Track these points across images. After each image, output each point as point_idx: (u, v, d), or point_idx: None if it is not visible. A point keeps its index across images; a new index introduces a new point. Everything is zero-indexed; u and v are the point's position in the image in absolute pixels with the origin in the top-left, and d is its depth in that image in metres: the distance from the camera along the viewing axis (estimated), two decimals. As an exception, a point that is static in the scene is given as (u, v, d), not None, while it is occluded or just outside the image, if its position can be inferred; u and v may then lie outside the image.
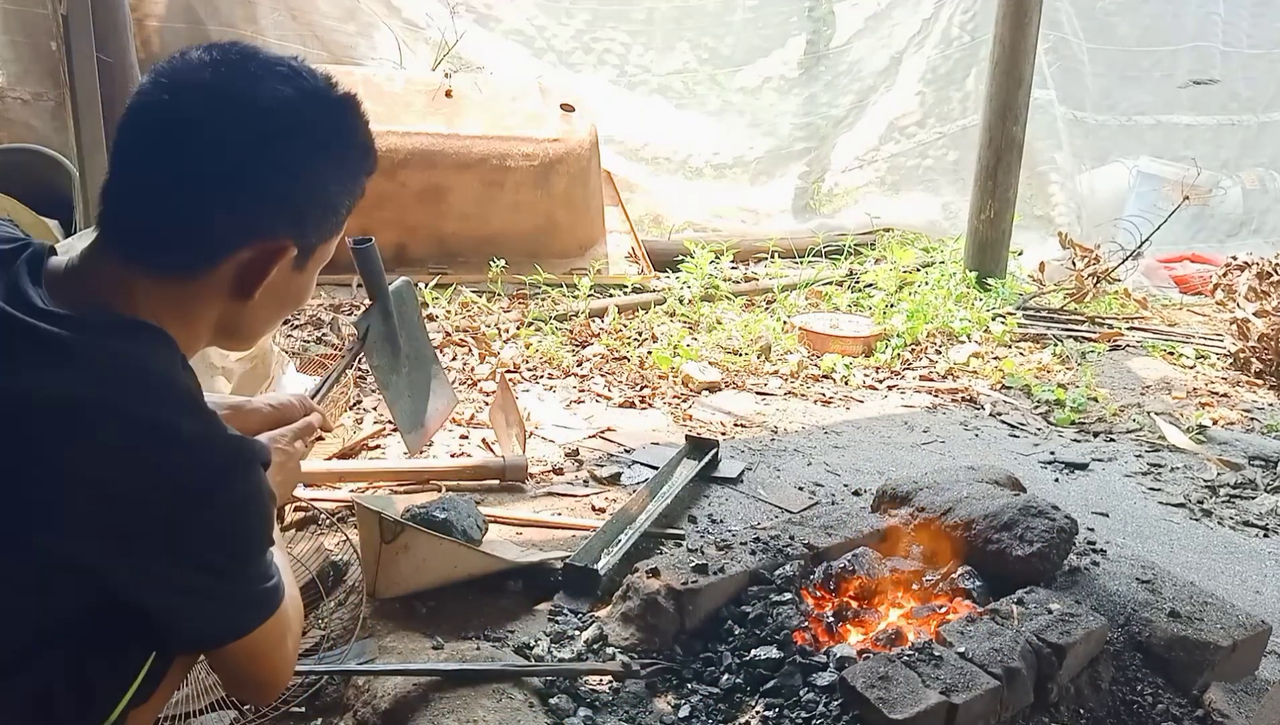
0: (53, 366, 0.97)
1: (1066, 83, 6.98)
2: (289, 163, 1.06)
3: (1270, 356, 4.46)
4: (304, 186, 1.08)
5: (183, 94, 1.01)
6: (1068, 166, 6.84)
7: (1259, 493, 3.26)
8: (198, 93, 1.01)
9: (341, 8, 5.94)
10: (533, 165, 4.98)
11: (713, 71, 7.19)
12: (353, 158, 1.14)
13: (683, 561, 2.13)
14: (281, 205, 1.07)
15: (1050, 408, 3.93)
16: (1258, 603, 2.50)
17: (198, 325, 1.12)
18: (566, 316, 4.49)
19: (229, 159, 1.01)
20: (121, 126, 1.04)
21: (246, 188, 1.03)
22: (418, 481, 2.78)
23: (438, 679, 1.81)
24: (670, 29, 7.10)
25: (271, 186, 1.05)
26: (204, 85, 1.02)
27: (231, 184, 1.02)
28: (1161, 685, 2.00)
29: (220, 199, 1.02)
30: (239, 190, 1.03)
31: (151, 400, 1.00)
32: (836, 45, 7.22)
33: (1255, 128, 7.68)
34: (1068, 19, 6.97)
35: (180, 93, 1.01)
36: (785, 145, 7.14)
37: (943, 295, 5.12)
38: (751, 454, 3.19)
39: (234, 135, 1.01)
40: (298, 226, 1.09)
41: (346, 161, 1.13)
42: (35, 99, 5.03)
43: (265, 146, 1.03)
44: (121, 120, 1.05)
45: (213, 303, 1.10)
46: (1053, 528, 2.19)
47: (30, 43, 4.97)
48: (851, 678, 1.77)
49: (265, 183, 1.04)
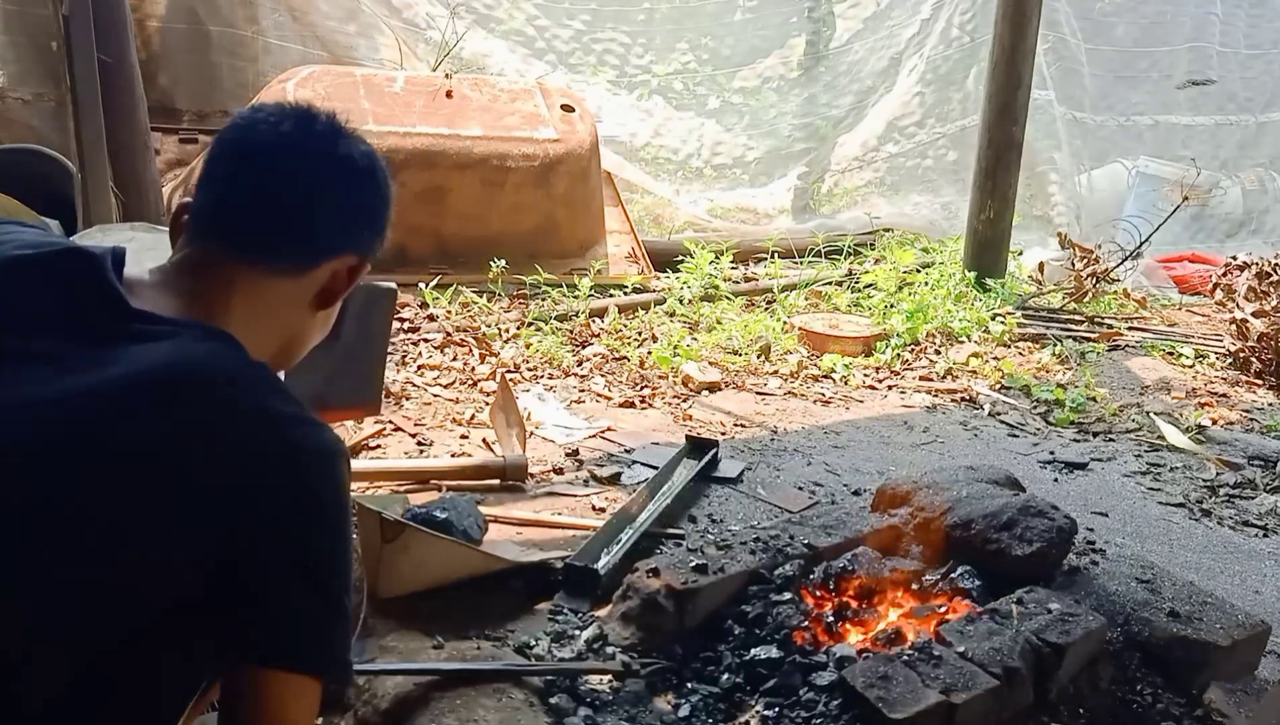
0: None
1: (1065, 83, 6.99)
2: (384, 194, 1.28)
3: (1270, 356, 4.47)
4: (384, 216, 1.29)
5: (312, 122, 1.20)
6: (1067, 166, 6.85)
7: (1258, 493, 3.26)
8: (325, 124, 1.22)
9: (342, 8, 5.94)
10: (533, 165, 4.98)
11: (713, 71, 7.19)
12: (390, 205, 1.33)
13: (683, 561, 2.13)
14: (372, 225, 1.27)
15: (1050, 408, 3.94)
16: (1257, 603, 2.50)
17: (277, 331, 1.23)
18: (566, 316, 4.49)
19: (352, 181, 1.23)
20: (239, 142, 1.20)
21: (360, 207, 1.25)
22: (418, 481, 2.78)
23: (438, 678, 1.81)
24: (670, 29, 7.11)
25: (370, 209, 1.27)
26: (329, 119, 1.23)
27: (349, 200, 1.23)
28: (1161, 685, 2.00)
29: (340, 210, 1.22)
30: (354, 207, 1.24)
31: (255, 386, 1.08)
32: (836, 46, 7.23)
33: (1253, 128, 7.69)
34: (1066, 20, 6.98)
35: (308, 121, 1.20)
36: (785, 145, 7.14)
37: (942, 295, 5.12)
38: (751, 454, 3.19)
39: (358, 164, 1.23)
40: (371, 246, 1.28)
41: (390, 205, 1.32)
42: (35, 99, 5.03)
43: (374, 176, 1.26)
44: (236, 138, 1.20)
45: (296, 308, 1.24)
46: (1052, 527, 2.20)
47: (30, 43, 4.98)
48: (851, 677, 1.77)
49: (368, 206, 1.26)
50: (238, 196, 1.18)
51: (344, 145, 1.22)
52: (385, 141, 4.72)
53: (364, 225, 1.26)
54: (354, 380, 2.41)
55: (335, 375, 2.34)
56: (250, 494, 1.01)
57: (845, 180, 7.20)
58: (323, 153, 1.20)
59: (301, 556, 1.04)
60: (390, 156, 5.19)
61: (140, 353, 1.03)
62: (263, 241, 1.17)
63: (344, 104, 4.79)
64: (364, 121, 4.76)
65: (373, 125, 4.75)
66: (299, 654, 1.05)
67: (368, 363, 2.39)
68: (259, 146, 1.19)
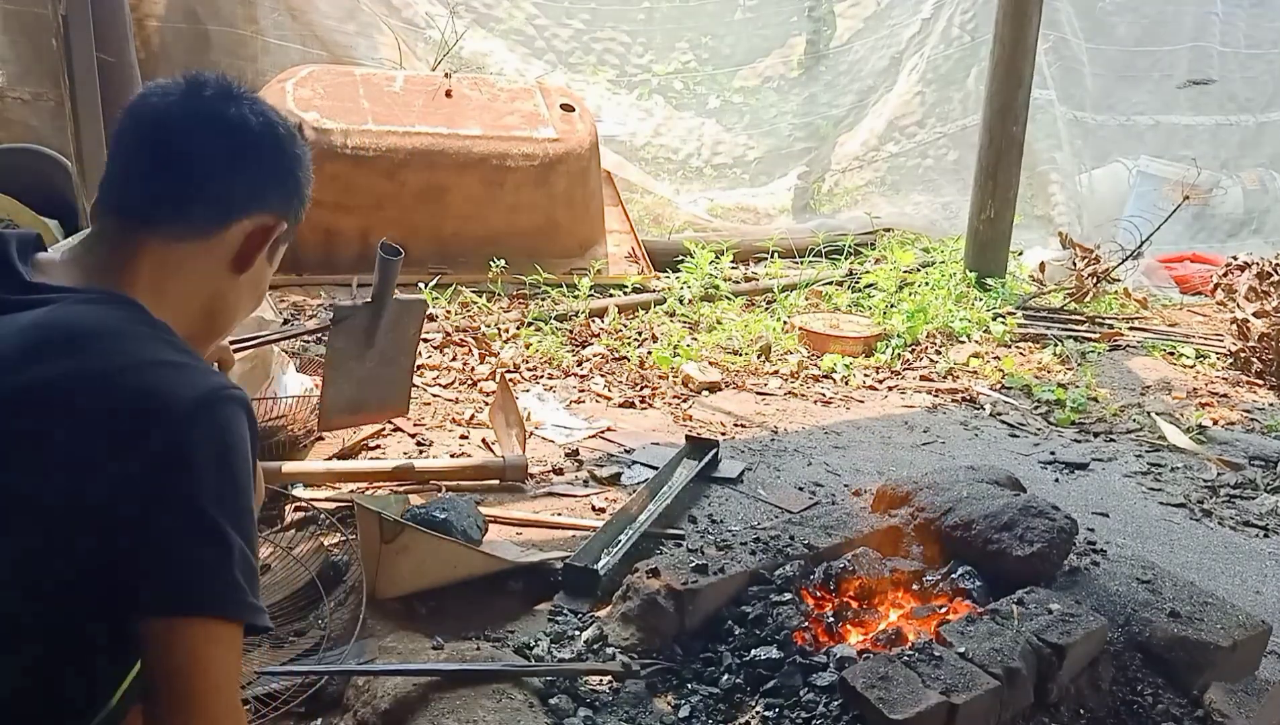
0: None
1: (1066, 83, 6.99)
2: (289, 152, 1.26)
3: (1270, 356, 4.46)
4: (294, 175, 1.27)
5: (201, 88, 1.21)
6: (1068, 166, 6.85)
7: (1259, 493, 3.26)
8: (214, 89, 1.21)
9: (341, 8, 5.94)
10: (533, 165, 4.98)
11: (713, 71, 7.19)
12: (309, 170, 1.31)
13: (683, 561, 2.13)
14: (281, 185, 1.26)
15: (1050, 408, 3.93)
16: (1258, 603, 2.50)
17: (195, 297, 1.23)
18: (566, 316, 4.49)
19: (248, 140, 1.22)
20: (134, 115, 1.21)
21: (261, 165, 1.23)
22: (418, 481, 2.78)
23: (438, 679, 1.81)
24: (670, 28, 7.10)
25: (272, 169, 1.25)
26: (218, 83, 1.22)
27: (248, 159, 1.22)
28: (1161, 685, 2.00)
29: (239, 169, 1.21)
30: (254, 165, 1.23)
31: (138, 339, 1.10)
32: (837, 45, 7.23)
33: (1254, 128, 7.69)
34: (1067, 19, 6.98)
35: (198, 87, 1.21)
36: (785, 145, 7.14)
37: (943, 295, 5.12)
38: (751, 454, 3.19)
39: (252, 124, 1.22)
40: (286, 207, 1.27)
41: (309, 169, 1.31)
42: (35, 99, 5.03)
43: (273, 135, 1.24)
44: (131, 112, 1.21)
45: (211, 274, 1.23)
46: (1053, 528, 2.19)
47: (30, 43, 4.97)
48: (851, 678, 1.77)
49: (269, 165, 1.24)
50: (133, 167, 1.20)
51: (235, 108, 1.21)
52: (385, 141, 4.72)
53: (267, 185, 1.24)
54: (387, 387, 2.55)
55: (370, 382, 2.48)
56: (124, 441, 1.02)
57: (846, 180, 7.20)
58: (212, 116, 1.20)
59: (184, 501, 1.03)
60: (390, 156, 5.20)
61: (21, 317, 1.07)
62: (160, 208, 1.18)
63: (344, 103, 4.79)
64: (364, 121, 4.75)
65: (372, 125, 4.75)
66: (195, 597, 1.04)
67: (399, 369, 2.47)
68: (148, 117, 1.21)
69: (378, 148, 4.71)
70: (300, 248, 4.74)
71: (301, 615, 2.17)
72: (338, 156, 4.65)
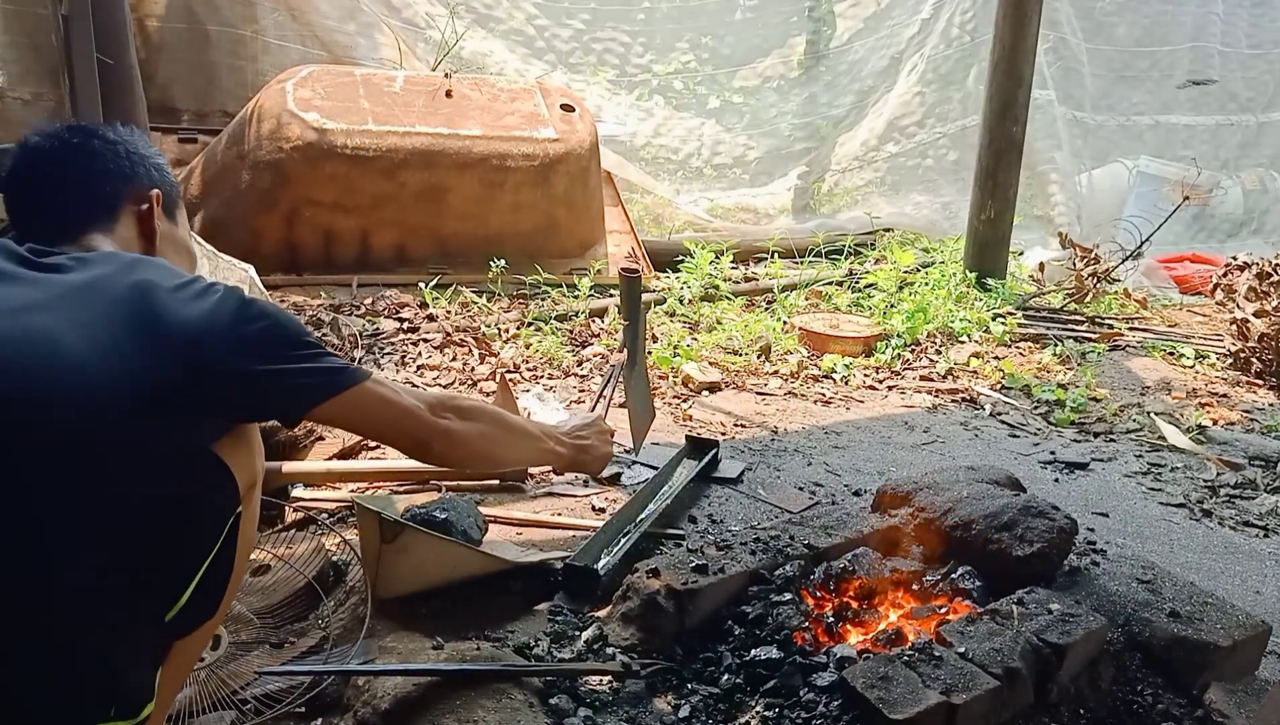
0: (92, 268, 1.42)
1: (1066, 83, 7.00)
2: (135, 147, 1.66)
3: (1270, 356, 4.46)
4: (145, 159, 1.66)
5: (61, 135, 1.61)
6: (1068, 166, 6.85)
7: (1259, 493, 3.26)
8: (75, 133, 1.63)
9: (341, 8, 5.95)
10: (533, 165, 4.98)
11: (713, 71, 7.20)
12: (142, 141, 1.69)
13: (683, 561, 2.13)
14: (136, 167, 1.64)
15: (1050, 408, 3.93)
16: (1258, 603, 2.50)
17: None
18: (566, 316, 4.49)
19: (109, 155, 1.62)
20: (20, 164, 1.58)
21: (113, 166, 1.62)
22: (418, 481, 2.78)
23: (438, 679, 1.81)
24: (670, 28, 7.11)
25: (127, 160, 1.64)
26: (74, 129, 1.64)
27: (107, 165, 1.61)
28: (1161, 685, 2.00)
29: (109, 172, 1.61)
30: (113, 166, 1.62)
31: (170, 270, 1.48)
32: (837, 45, 7.23)
33: (1254, 128, 7.69)
34: (1067, 19, 6.98)
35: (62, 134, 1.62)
36: (785, 145, 7.15)
37: (943, 295, 5.12)
38: (751, 454, 3.19)
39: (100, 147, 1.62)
40: (150, 178, 1.65)
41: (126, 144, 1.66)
42: (35, 99, 5.03)
43: (120, 143, 1.64)
44: (15, 162, 1.57)
45: (134, 245, 1.61)
46: (1053, 528, 2.19)
47: (30, 43, 4.97)
48: (851, 678, 1.77)
49: (125, 157, 1.63)
50: (43, 198, 1.57)
51: (78, 137, 1.61)
52: (385, 141, 4.72)
53: (138, 164, 1.63)
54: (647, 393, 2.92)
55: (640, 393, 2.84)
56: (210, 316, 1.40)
57: (845, 180, 7.20)
58: (102, 140, 1.62)
59: (264, 339, 1.44)
60: (390, 156, 5.21)
61: (77, 263, 1.42)
62: (77, 214, 1.56)
63: (344, 103, 4.79)
64: (364, 121, 4.76)
65: (372, 125, 4.75)
66: (330, 382, 1.51)
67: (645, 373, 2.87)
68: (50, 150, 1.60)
69: (378, 148, 4.71)
70: (300, 248, 4.74)
71: (301, 616, 2.17)
72: (338, 156, 4.65)
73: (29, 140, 1.60)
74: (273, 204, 4.65)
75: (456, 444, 1.72)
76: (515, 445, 1.94)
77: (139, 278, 1.39)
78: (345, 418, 1.58)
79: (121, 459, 1.31)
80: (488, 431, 1.81)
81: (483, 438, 1.79)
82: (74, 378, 1.28)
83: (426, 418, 1.66)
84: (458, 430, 1.71)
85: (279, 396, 1.48)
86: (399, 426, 1.64)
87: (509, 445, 1.91)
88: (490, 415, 1.85)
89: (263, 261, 4.16)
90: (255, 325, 1.43)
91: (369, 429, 1.70)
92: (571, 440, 2.11)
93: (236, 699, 1.85)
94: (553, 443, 2.04)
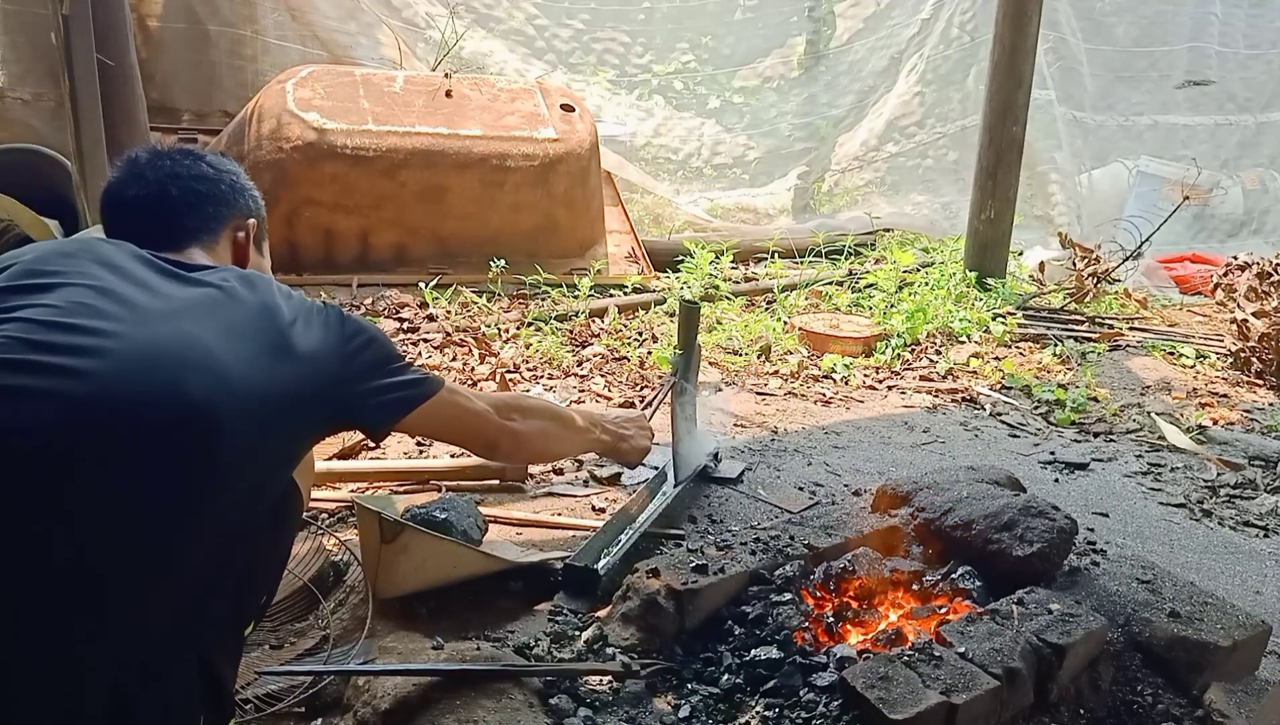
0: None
1: (1066, 83, 7.00)
2: (239, 179, 1.75)
3: (1270, 356, 4.46)
4: (246, 191, 1.75)
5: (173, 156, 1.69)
6: (1068, 166, 6.85)
7: (1259, 493, 3.26)
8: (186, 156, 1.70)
9: (341, 8, 5.94)
10: (533, 165, 4.98)
11: (713, 71, 7.20)
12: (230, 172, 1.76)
13: (683, 561, 2.13)
14: (238, 196, 1.72)
15: (1050, 408, 3.93)
16: (1258, 603, 2.50)
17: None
18: (566, 316, 4.49)
19: (217, 180, 1.71)
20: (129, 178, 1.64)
21: (220, 190, 1.70)
22: (418, 481, 2.78)
23: (438, 679, 1.81)
24: (670, 28, 7.11)
25: (231, 188, 1.72)
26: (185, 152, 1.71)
27: (215, 189, 1.70)
28: (1161, 685, 2.00)
29: (215, 196, 1.69)
30: (220, 190, 1.70)
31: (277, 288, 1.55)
32: (836, 45, 7.23)
33: (1253, 128, 7.69)
34: (1066, 19, 6.98)
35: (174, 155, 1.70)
36: (785, 145, 7.15)
37: (943, 295, 5.12)
38: (751, 454, 3.19)
39: (210, 172, 1.70)
40: (248, 209, 1.74)
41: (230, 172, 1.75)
42: (35, 99, 5.03)
43: (225, 172, 1.73)
44: (121, 182, 1.64)
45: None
46: (1053, 528, 2.19)
47: (30, 43, 4.98)
48: (851, 678, 1.77)
49: (229, 186, 1.72)
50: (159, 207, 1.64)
51: (192, 161, 1.68)
52: (385, 141, 4.72)
53: (239, 194, 1.71)
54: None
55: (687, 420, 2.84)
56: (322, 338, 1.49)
57: (845, 180, 7.21)
58: (209, 165, 1.70)
59: (365, 357, 1.54)
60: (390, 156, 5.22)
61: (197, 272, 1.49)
62: (186, 229, 1.64)
63: (344, 103, 4.79)
64: (364, 121, 4.76)
65: (372, 125, 4.75)
66: (416, 394, 1.60)
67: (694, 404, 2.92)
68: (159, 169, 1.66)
69: (378, 148, 4.71)
70: (300, 248, 4.74)
71: (301, 616, 2.17)
72: (338, 156, 4.65)
73: (138, 156, 1.66)
74: (273, 204, 4.59)
75: (522, 444, 1.90)
76: (570, 440, 2.15)
77: (263, 298, 1.46)
78: (423, 426, 1.68)
79: (254, 467, 1.37)
80: (548, 429, 2.00)
81: (544, 436, 1.98)
82: (229, 385, 1.32)
83: (495, 421, 1.81)
84: (523, 431, 1.87)
85: (374, 411, 1.57)
86: (472, 430, 1.78)
87: (565, 441, 2.13)
88: (551, 413, 2.05)
89: (262, 261, 4.15)
90: (356, 342, 1.52)
91: (444, 434, 1.82)
92: (615, 429, 2.31)
93: (236, 699, 1.84)
94: (599, 431, 2.24)
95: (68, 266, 1.38)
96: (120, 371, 1.26)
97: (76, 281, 1.36)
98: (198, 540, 1.31)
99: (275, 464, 1.44)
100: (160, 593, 1.28)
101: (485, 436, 1.81)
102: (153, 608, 1.28)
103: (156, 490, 1.26)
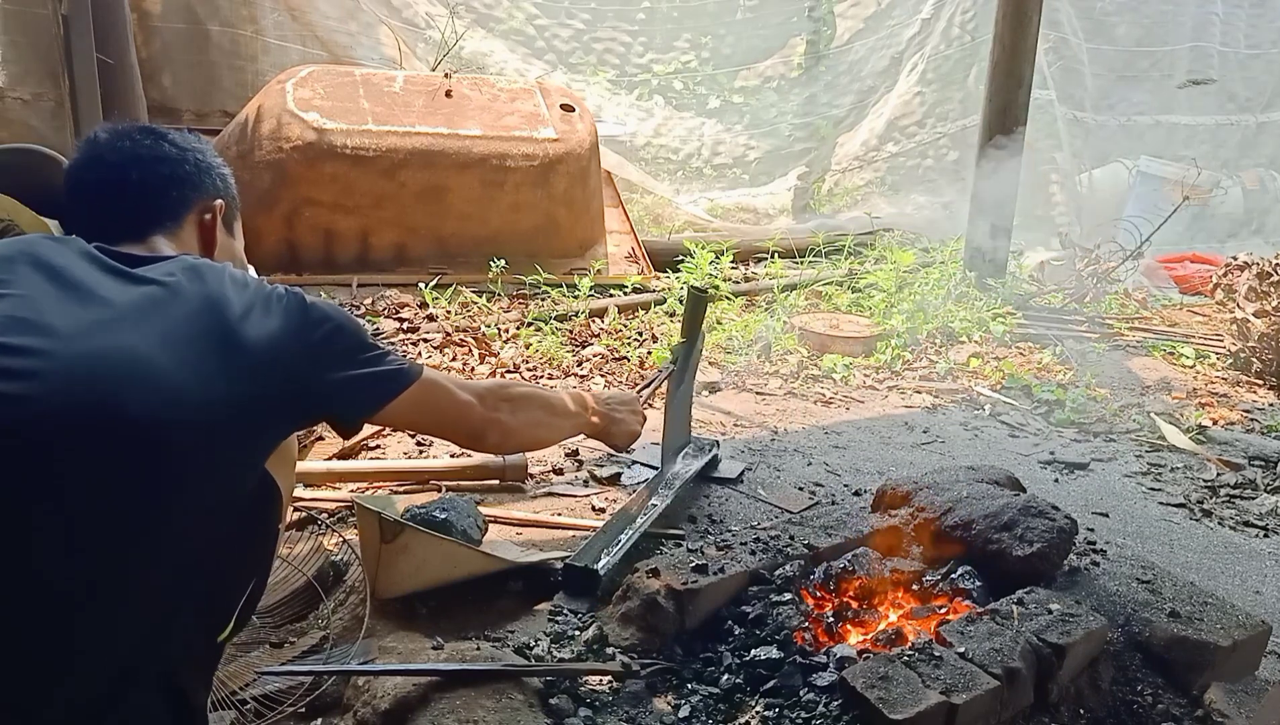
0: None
1: (1066, 83, 7.00)
2: (204, 157, 1.64)
3: (1270, 356, 4.46)
4: (212, 169, 1.64)
5: (133, 136, 1.59)
6: (1068, 166, 6.86)
7: (1259, 493, 3.26)
8: (147, 135, 1.60)
9: (341, 8, 5.95)
10: (533, 165, 4.98)
11: (713, 71, 7.20)
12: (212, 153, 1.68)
13: (683, 561, 2.13)
14: (204, 176, 1.62)
15: (1050, 408, 3.93)
16: (1258, 603, 2.50)
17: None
18: (566, 316, 4.48)
19: (180, 161, 1.60)
20: (88, 161, 1.55)
21: (184, 170, 1.60)
22: (418, 481, 2.78)
23: (438, 679, 1.81)
24: (670, 28, 7.12)
25: (196, 168, 1.62)
26: (146, 131, 1.61)
27: (179, 170, 1.60)
28: (1161, 685, 2.00)
29: (178, 177, 1.59)
30: (184, 170, 1.60)
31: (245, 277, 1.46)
32: (837, 45, 7.23)
33: (1254, 128, 7.70)
34: (1067, 19, 6.99)
35: (134, 135, 1.59)
36: (785, 145, 7.15)
37: (942, 295, 5.12)
38: (751, 454, 3.19)
39: (173, 152, 1.60)
40: (215, 188, 1.64)
41: (211, 153, 1.67)
42: (35, 99, 5.03)
43: (190, 151, 1.62)
44: (81, 165, 1.55)
45: (192, 249, 1.59)
46: (1053, 528, 2.19)
47: (30, 43, 4.97)
48: (851, 678, 1.77)
49: (194, 166, 1.61)
50: (115, 203, 1.55)
51: (151, 140, 1.59)
52: (385, 141, 4.72)
53: (205, 174, 1.62)
54: (687, 411, 2.93)
55: (681, 409, 2.84)
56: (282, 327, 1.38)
57: (846, 180, 7.21)
58: (170, 145, 1.59)
59: (333, 346, 1.44)
60: (390, 156, 5.20)
61: (145, 266, 1.40)
62: (146, 218, 1.55)
63: (344, 103, 4.79)
64: (364, 121, 4.76)
65: (372, 125, 4.75)
66: (390, 386, 1.51)
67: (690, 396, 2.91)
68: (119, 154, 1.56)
69: (378, 148, 4.71)
70: (300, 248, 4.74)
71: (301, 615, 2.17)
72: (338, 156, 4.65)
73: (98, 137, 1.57)
74: (273, 204, 4.65)
75: (510, 434, 1.81)
76: (559, 426, 2.05)
77: (210, 291, 1.36)
78: (402, 417, 1.59)
79: (210, 477, 1.30)
80: (536, 417, 1.91)
81: (531, 425, 1.89)
82: (173, 395, 1.26)
83: (480, 411, 1.72)
84: (510, 422, 1.78)
85: (345, 404, 1.50)
86: (456, 421, 1.70)
87: (554, 428, 2.03)
88: (539, 402, 1.96)
89: (263, 261, 4.16)
90: (322, 330, 1.43)
91: (426, 426, 1.76)
92: (606, 411, 2.22)
93: (236, 699, 1.85)
94: (589, 414, 2.16)
95: (3, 275, 1.31)
96: (51, 393, 1.20)
97: (9, 291, 1.29)
98: (160, 555, 1.26)
99: (240, 467, 1.35)
100: (121, 609, 1.24)
101: (470, 428, 1.72)
102: (115, 624, 1.24)
103: (105, 510, 1.21)
